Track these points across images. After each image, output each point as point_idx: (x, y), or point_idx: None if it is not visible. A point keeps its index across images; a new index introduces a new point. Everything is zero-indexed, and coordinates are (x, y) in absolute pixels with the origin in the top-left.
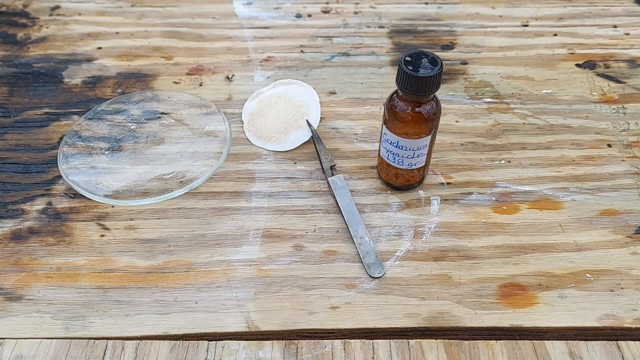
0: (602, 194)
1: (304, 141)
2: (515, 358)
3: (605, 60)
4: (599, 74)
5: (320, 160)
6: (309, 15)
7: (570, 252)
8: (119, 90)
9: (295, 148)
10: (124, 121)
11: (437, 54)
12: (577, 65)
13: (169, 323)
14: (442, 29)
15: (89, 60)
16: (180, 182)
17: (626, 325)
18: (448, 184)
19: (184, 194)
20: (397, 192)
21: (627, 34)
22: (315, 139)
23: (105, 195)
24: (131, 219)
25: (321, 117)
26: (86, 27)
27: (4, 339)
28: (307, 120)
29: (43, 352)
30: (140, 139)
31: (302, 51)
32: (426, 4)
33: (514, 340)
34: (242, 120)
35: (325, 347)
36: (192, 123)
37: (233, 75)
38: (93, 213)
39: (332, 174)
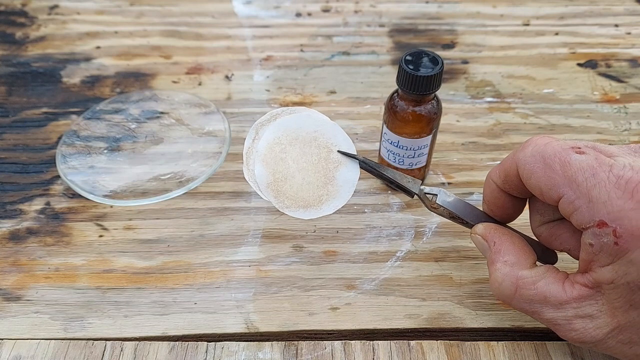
0: None
1: (357, 177)
2: (517, 359)
3: (606, 59)
4: (600, 74)
5: (403, 187)
6: (309, 14)
7: None
8: (118, 90)
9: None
10: (123, 120)
11: (438, 53)
12: (579, 64)
13: (167, 324)
14: (442, 28)
15: (88, 59)
16: (179, 182)
17: None
18: (449, 183)
19: (183, 194)
20: (398, 192)
21: (629, 33)
22: (370, 167)
23: (104, 196)
24: (130, 219)
25: None
26: (85, 26)
27: (2, 339)
28: (339, 151)
29: (42, 353)
30: (139, 138)
31: (302, 50)
32: (427, 2)
33: (515, 341)
34: (257, 185)
35: (325, 348)
36: (191, 123)
37: (232, 74)
38: (91, 213)
39: (427, 192)
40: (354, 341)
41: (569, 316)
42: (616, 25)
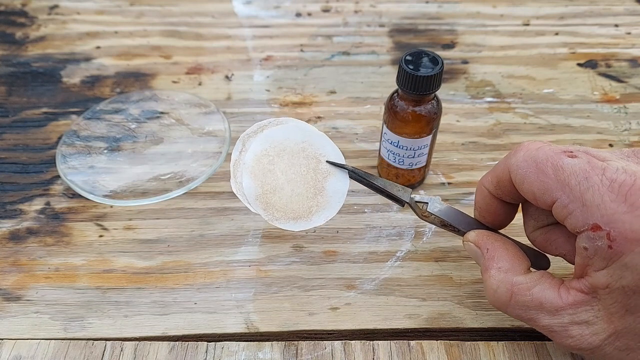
0: None
1: (347, 187)
2: (517, 359)
3: (606, 59)
4: (600, 74)
5: (393, 196)
6: (309, 14)
7: None
8: (118, 90)
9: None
10: (123, 120)
11: (438, 53)
12: (579, 64)
13: (167, 324)
14: (442, 27)
15: (88, 59)
16: (179, 182)
17: None
18: (449, 183)
19: (183, 194)
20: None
21: (629, 33)
22: (359, 176)
23: (104, 196)
24: (130, 219)
25: (321, 117)
26: (85, 26)
27: (2, 339)
28: (327, 161)
29: (42, 353)
30: (139, 138)
31: (302, 50)
32: (427, 2)
33: (515, 341)
34: (247, 201)
35: (325, 348)
36: (191, 123)
37: (232, 74)
38: (91, 213)
39: (418, 201)
40: (354, 341)
41: (565, 323)
42: (616, 25)
